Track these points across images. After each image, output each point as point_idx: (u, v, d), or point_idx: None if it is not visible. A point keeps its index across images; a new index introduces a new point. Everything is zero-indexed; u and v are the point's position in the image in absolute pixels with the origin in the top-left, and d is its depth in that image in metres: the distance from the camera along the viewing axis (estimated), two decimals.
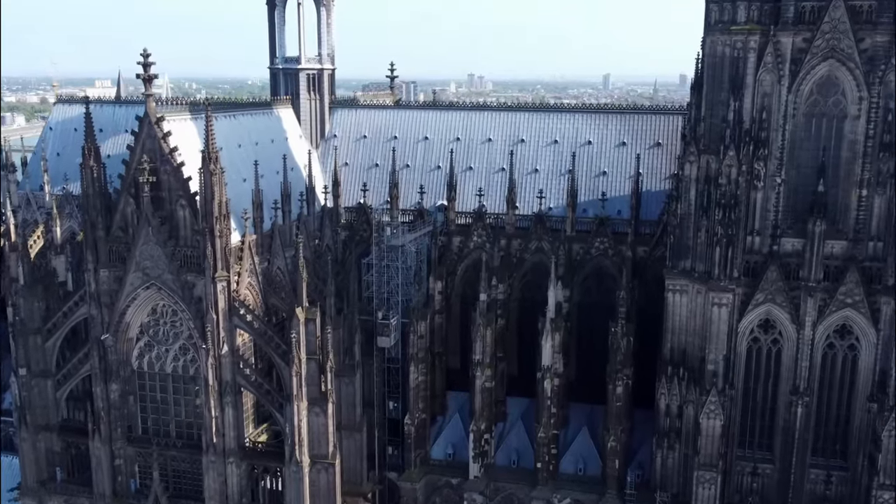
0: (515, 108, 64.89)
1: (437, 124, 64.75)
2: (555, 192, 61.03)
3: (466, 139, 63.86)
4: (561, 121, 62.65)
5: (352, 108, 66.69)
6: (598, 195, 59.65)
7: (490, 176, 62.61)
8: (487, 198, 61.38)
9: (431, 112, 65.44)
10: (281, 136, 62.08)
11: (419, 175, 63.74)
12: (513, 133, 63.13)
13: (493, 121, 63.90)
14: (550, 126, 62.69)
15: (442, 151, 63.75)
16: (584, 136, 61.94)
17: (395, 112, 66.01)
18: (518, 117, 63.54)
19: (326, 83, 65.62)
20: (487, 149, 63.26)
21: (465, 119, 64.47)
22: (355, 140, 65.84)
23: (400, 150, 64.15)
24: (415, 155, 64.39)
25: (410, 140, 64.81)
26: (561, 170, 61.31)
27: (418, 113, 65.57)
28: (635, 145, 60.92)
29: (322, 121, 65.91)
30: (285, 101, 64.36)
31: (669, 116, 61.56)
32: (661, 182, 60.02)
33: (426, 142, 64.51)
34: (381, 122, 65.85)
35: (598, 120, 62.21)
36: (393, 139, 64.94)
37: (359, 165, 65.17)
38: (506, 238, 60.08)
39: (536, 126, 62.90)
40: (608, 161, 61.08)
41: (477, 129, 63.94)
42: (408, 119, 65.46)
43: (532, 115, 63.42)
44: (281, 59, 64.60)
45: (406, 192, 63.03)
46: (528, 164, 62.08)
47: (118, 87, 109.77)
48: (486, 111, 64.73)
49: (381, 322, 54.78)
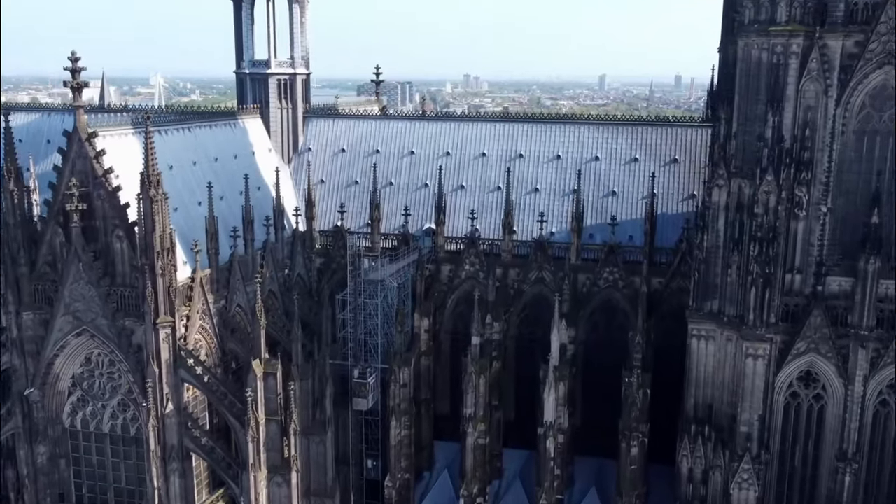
0: (513, 119, 57.37)
1: (424, 137, 57.33)
2: (558, 214, 53.70)
3: (457, 154, 56.44)
4: (564, 134, 55.23)
5: (329, 118, 59.23)
6: (606, 218, 52.30)
7: (484, 196, 55.20)
8: (481, 221, 54.04)
9: (418, 123, 57.97)
10: (246, 150, 54.60)
11: (404, 194, 56.31)
12: (510, 147, 55.73)
13: (487, 133, 56.46)
14: (552, 140, 55.29)
15: (430, 168, 56.35)
16: (591, 151, 54.56)
17: (377, 123, 58.55)
18: (516, 130, 56.11)
19: (300, 89, 58.15)
20: (481, 165, 55.85)
21: (456, 131, 57.04)
22: (332, 154, 58.38)
23: (382, 165, 56.79)
24: (399, 171, 56.94)
25: (394, 154, 57.38)
26: (564, 189, 53.98)
27: (404, 124, 58.12)
28: (649, 162, 53.56)
29: (295, 132, 58.46)
30: (253, 111, 56.87)
31: (687, 129, 54.19)
32: (679, 203, 52.73)
33: (412, 157, 57.08)
34: (361, 133, 58.39)
35: (607, 133, 54.82)
36: (375, 153, 57.52)
37: (336, 183, 57.71)
38: (502, 267, 52.76)
39: (537, 140, 55.49)
40: (618, 180, 53.72)
41: (469, 142, 56.51)
42: (392, 131, 58.01)
43: (532, 126, 56.00)
44: (248, 62, 57.11)
45: (389, 214, 55.70)
46: (527, 182, 54.70)
47: (101, 91, 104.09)
48: (479, 122, 57.25)
49: (357, 381, 47.28)
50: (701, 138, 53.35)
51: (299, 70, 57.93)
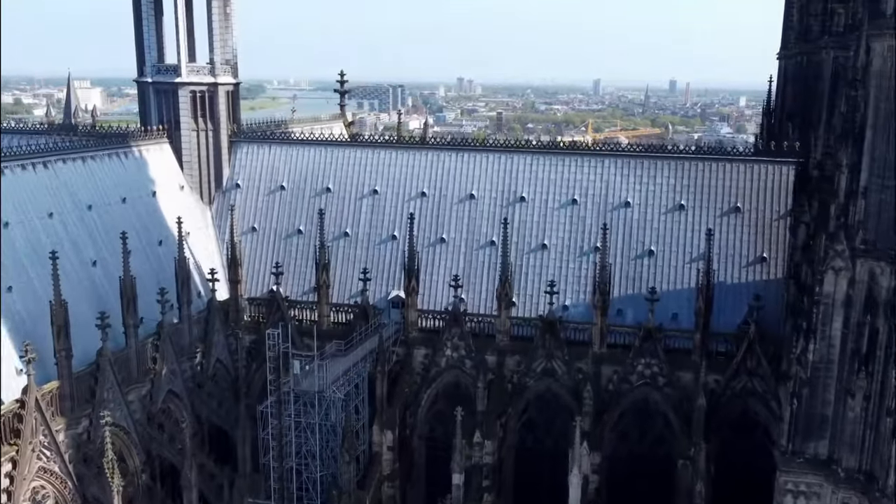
0: (512, 149, 42.07)
1: (393, 171, 42.44)
2: (573, 281, 39.01)
3: (437, 195, 41.58)
4: (582, 170, 40.42)
5: (264, 144, 44.18)
6: (642, 289, 37.73)
7: (472, 254, 40.39)
8: (468, 289, 39.44)
9: (385, 152, 42.99)
10: (142, 190, 39.62)
11: (363, 249, 41.45)
12: (508, 187, 40.91)
13: (478, 167, 41.60)
14: (566, 178, 40.50)
15: (399, 213, 41.52)
16: (619, 193, 39.79)
17: (330, 151, 43.55)
18: (516, 163, 41.27)
19: (224, 105, 43.18)
20: (469, 211, 41.02)
21: (435, 163, 42.18)
22: (268, 192, 43.40)
23: (335, 209, 42.00)
24: (358, 218, 42.05)
25: (352, 194, 42.46)
26: (583, 247, 39.27)
27: (365, 153, 43.16)
28: (700, 210, 38.87)
29: (218, 162, 43.49)
30: (158, 135, 41.85)
31: (751, 164, 39.48)
32: (743, 270, 38.07)
33: (375, 198, 42.16)
34: (308, 165, 43.44)
35: (640, 169, 40.04)
36: (325, 192, 42.60)
37: (272, 232, 42.74)
38: (496, 353, 38.26)
39: (544, 177, 40.69)
40: (657, 235, 38.98)
41: (454, 179, 41.66)
42: (349, 162, 43.10)
43: (538, 159, 41.16)
44: (151, 67, 42.01)
45: (343, 277, 41.00)
46: (531, 236, 39.95)
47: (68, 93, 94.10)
48: (467, 152, 42.21)
49: None
50: (771, 177, 38.78)
51: (223, 78, 42.92)
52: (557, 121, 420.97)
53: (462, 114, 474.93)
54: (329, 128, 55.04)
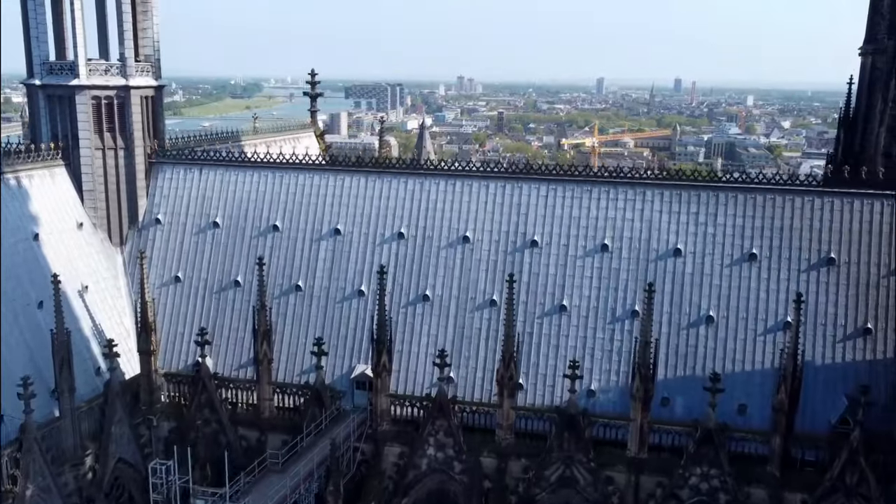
0: (520, 176, 30.97)
1: (362, 203, 31.97)
2: (602, 358, 28.63)
3: (419, 236, 31.12)
4: (616, 203, 29.92)
5: (195, 167, 33.65)
6: (696, 369, 27.52)
7: (465, 318, 29.96)
8: (459, 366, 29.27)
9: (352, 178, 32.42)
10: (19, 233, 29.12)
11: (319, 310, 31.06)
12: (515, 227, 30.44)
13: (474, 199, 31.10)
14: (593, 214, 30.03)
15: (368, 261, 31.11)
16: (666, 236, 29.31)
17: (279, 176, 32.99)
18: (526, 194, 30.76)
19: (140, 115, 32.74)
20: (461, 259, 30.57)
21: (418, 193, 31.67)
22: (198, 231, 32.93)
23: (284, 254, 31.64)
24: (313, 266, 31.60)
25: (306, 234, 32.00)
26: (616, 310, 28.86)
27: (326, 179, 32.60)
28: (778, 261, 28.42)
29: (132, 192, 33.05)
30: (49, 155, 31.35)
31: (849, 200, 28.90)
32: (838, 346, 27.59)
33: (337, 239, 31.69)
34: (251, 193, 32.97)
35: (695, 203, 29.53)
36: (271, 231, 32.16)
37: (201, 283, 32.29)
38: (496, 455, 28.14)
39: (564, 213, 30.22)
40: (719, 295, 28.50)
41: (442, 214, 31.21)
42: (305, 189, 32.62)
43: (554, 189, 30.60)
44: (40, 66, 31.46)
45: (291, 347, 30.72)
46: (545, 294, 29.52)
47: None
48: (459, 178, 31.57)
49: None
50: (876, 217, 28.36)
51: (138, 80, 32.44)
52: (560, 120, 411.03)
53: (462, 113, 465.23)
54: (296, 139, 45.00)
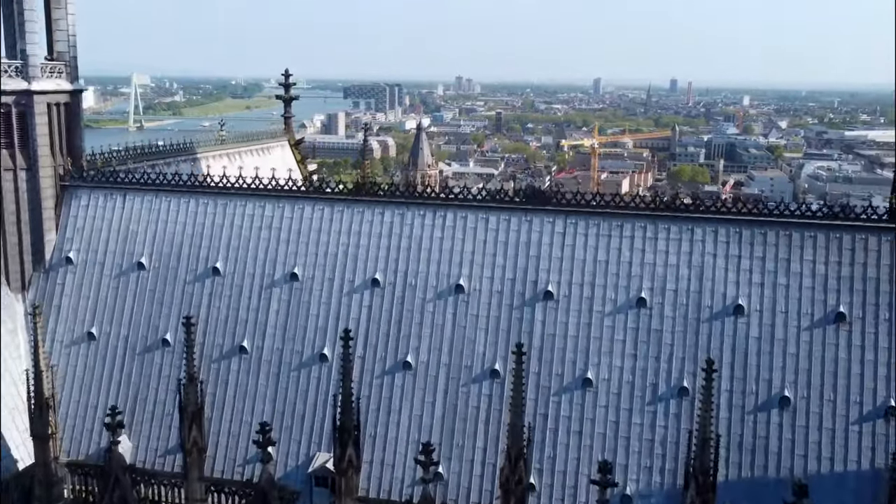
0: (527, 207, 23.75)
1: (325, 239, 24.88)
2: (642, 452, 21.63)
3: (399, 284, 24.02)
4: (654, 243, 22.83)
5: (118, 191, 26.46)
6: (769, 468, 20.49)
7: (457, 393, 22.92)
8: (450, 459, 22.16)
9: (313, 207, 25.22)
10: None
11: (269, 379, 23.99)
12: (523, 273, 23.36)
13: (470, 236, 24.00)
14: (625, 256, 22.95)
15: (331, 316, 24.05)
16: (721, 288, 22.26)
17: (222, 204, 25.76)
18: (537, 229, 23.63)
19: (45, 128, 25.60)
20: (453, 314, 23.49)
21: (398, 227, 24.54)
22: (118, 274, 25.80)
23: (225, 305, 24.60)
24: (262, 321, 24.50)
25: (255, 280, 24.90)
26: (657, 386, 21.83)
27: (281, 209, 25.41)
28: (875, 323, 21.37)
29: (36, 223, 25.94)
30: None
31: None
32: None
33: (293, 287, 24.57)
34: (187, 226, 25.84)
35: (761, 244, 22.44)
36: (210, 275, 25.06)
37: (120, 342, 25.13)
38: None
39: (587, 255, 23.13)
40: (797, 368, 21.46)
41: (428, 255, 24.12)
42: (254, 222, 25.47)
43: (574, 223, 23.43)
44: None
45: (231, 429, 23.70)
46: (563, 364, 22.50)
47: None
48: (450, 209, 24.35)
49: None
50: None
51: (44, 83, 25.32)
52: (558, 121, 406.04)
53: (460, 113, 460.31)
54: (266, 149, 38.30)
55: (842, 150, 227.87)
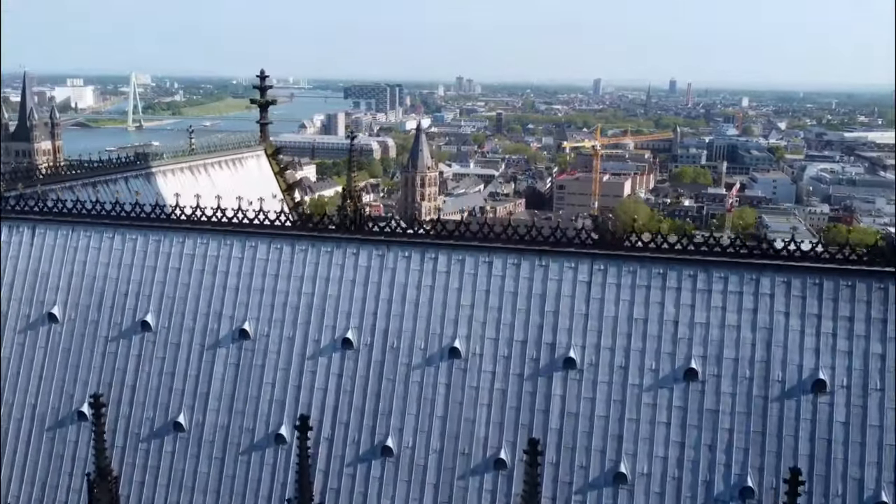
0: (542, 248, 18.10)
1: (284, 287, 19.65)
2: None
3: (376, 345, 18.82)
4: (707, 297, 17.63)
5: (23, 224, 21.26)
6: None
7: (451, 488, 17.74)
8: None
9: (269, 245, 20.01)
10: None
11: (210, 465, 18.78)
12: (533, 332, 18.16)
13: (468, 285, 18.76)
14: (669, 313, 17.76)
15: (290, 385, 18.86)
16: (795, 357, 17.08)
17: (154, 241, 20.52)
18: (552, 276, 18.43)
19: None
20: (444, 386, 18.30)
21: (377, 273, 19.31)
22: (24, 328, 20.50)
23: (156, 371, 19.42)
24: (202, 392, 19.31)
25: (193, 338, 19.69)
26: (713, 483, 16.64)
27: (228, 246, 20.17)
28: None
29: None
30: None
31: None
32: None
33: (243, 349, 19.35)
34: (109, 268, 20.58)
35: (846, 301, 17.26)
36: (139, 330, 19.82)
37: (26, 416, 19.93)
38: None
39: (620, 313, 17.93)
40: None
41: (415, 309, 18.90)
42: (193, 264, 20.20)
43: (599, 268, 18.22)
44: None
45: None
46: (587, 451, 17.32)
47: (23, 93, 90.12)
48: (443, 251, 19.03)
49: None
50: None
51: None
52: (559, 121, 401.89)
53: (461, 114, 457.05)
54: (239, 161, 33.58)
55: (843, 151, 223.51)
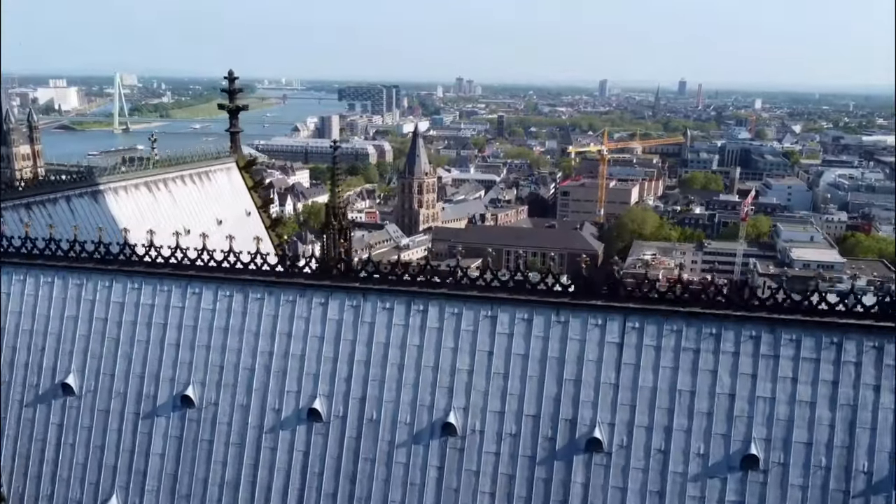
0: (561, 300, 14.15)
1: (235, 345, 15.83)
2: None
3: (350, 417, 15.03)
4: (773, 364, 13.84)
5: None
6: None
7: None
8: None
9: (215, 291, 16.14)
10: None
11: None
12: (548, 405, 14.33)
13: (463, 344, 14.94)
14: (720, 383, 13.95)
15: (244, 464, 15.04)
16: (885, 439, 13.27)
17: (74, 285, 16.64)
18: (572, 334, 14.65)
19: None
20: (436, 470, 14.51)
21: (348, 329, 15.47)
22: None
23: (81, 443, 15.60)
24: (138, 470, 15.59)
25: (126, 406, 15.93)
26: None
27: (165, 291, 16.31)
28: None
29: None
30: None
31: None
32: None
33: (186, 419, 15.57)
34: (21, 319, 16.79)
35: None
36: (60, 395, 16.04)
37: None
38: None
39: (654, 380, 14.11)
40: None
41: (394, 373, 15.07)
42: (123, 314, 16.34)
43: (634, 325, 14.44)
44: None
45: None
46: None
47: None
48: (433, 299, 15.17)
49: None
50: None
51: None
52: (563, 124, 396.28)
53: (461, 116, 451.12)
54: (206, 174, 29.94)
55: (861, 156, 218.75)
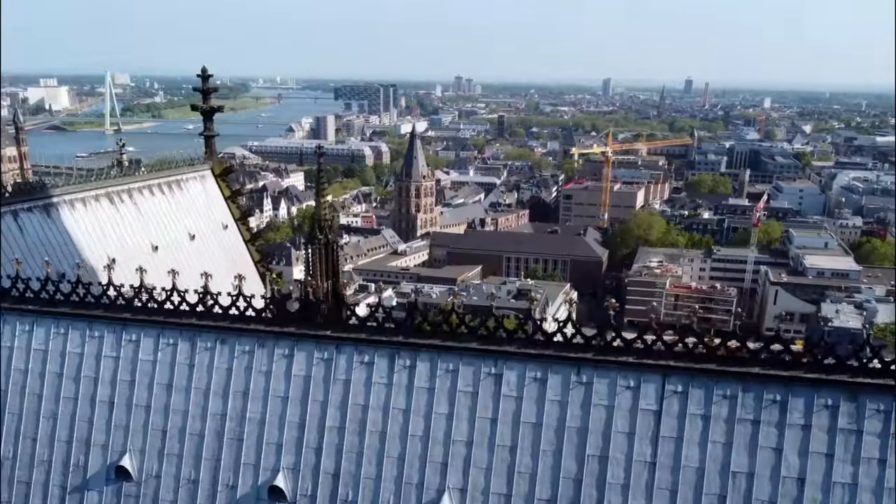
0: (582, 354, 11.11)
1: (182, 405, 12.92)
2: None
3: (318, 496, 12.16)
4: (859, 438, 10.93)
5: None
6: None
7: None
8: None
9: (155, 337, 13.23)
10: None
11: None
12: (567, 486, 11.46)
13: (461, 407, 12.05)
14: (785, 463, 11.02)
15: None
16: None
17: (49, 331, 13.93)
18: (597, 398, 11.77)
19: None
20: None
21: (319, 390, 12.55)
22: None
23: None
24: None
25: (51, 477, 13.05)
26: None
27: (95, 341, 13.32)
28: None
29: None
30: None
31: None
32: None
33: (122, 492, 12.71)
34: None
35: None
36: None
37: None
38: None
39: (700, 459, 11.22)
40: None
41: (377, 442, 12.18)
42: (48, 365, 13.40)
43: (676, 386, 11.58)
44: None
45: None
46: None
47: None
48: (423, 353, 12.21)
49: None
50: None
51: None
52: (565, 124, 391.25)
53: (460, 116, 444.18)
54: (179, 183, 27.06)
55: (874, 157, 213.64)
